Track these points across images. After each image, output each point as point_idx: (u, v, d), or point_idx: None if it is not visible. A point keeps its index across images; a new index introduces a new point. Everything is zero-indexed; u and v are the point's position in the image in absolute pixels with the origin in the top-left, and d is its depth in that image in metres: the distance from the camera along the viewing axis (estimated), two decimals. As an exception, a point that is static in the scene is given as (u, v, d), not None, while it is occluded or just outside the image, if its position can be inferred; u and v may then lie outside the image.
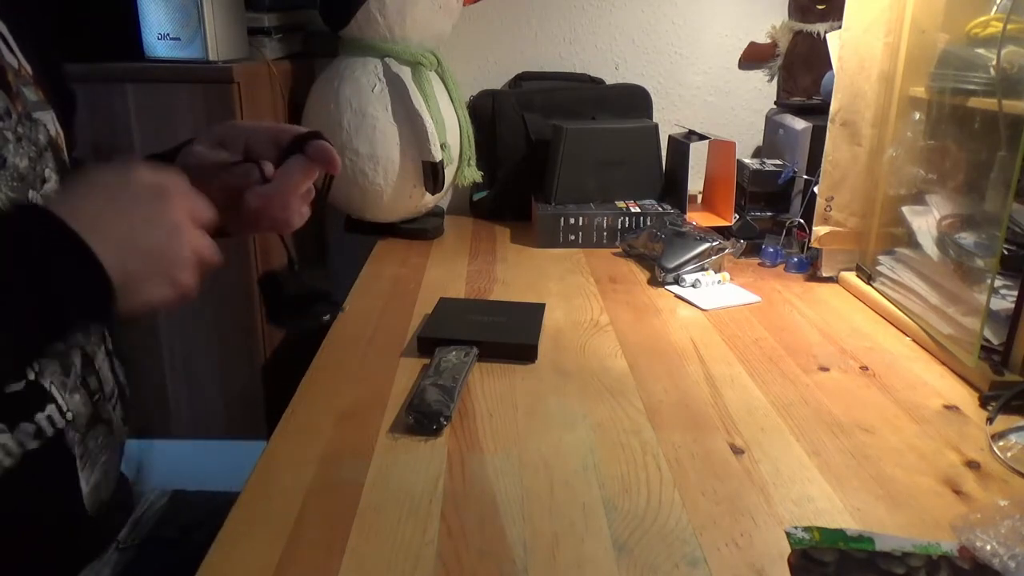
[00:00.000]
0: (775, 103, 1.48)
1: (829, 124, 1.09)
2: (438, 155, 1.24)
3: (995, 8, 0.90)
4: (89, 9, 1.21)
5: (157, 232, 0.49)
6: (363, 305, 1.03)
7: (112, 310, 0.48)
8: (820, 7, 1.43)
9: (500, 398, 0.78)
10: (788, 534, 0.57)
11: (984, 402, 0.79)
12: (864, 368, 0.87)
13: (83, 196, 0.48)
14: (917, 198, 1.02)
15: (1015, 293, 0.82)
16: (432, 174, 1.25)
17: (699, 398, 0.79)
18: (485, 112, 1.44)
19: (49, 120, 0.62)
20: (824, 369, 0.86)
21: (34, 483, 0.58)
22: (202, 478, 0.86)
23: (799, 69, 1.48)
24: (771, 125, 1.43)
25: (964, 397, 0.81)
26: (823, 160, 1.10)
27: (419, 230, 1.34)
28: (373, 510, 0.59)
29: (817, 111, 1.25)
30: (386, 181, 1.25)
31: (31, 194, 0.57)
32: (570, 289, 1.10)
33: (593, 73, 1.52)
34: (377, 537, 0.56)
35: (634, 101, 1.49)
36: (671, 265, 1.10)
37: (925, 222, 0.99)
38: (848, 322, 1.00)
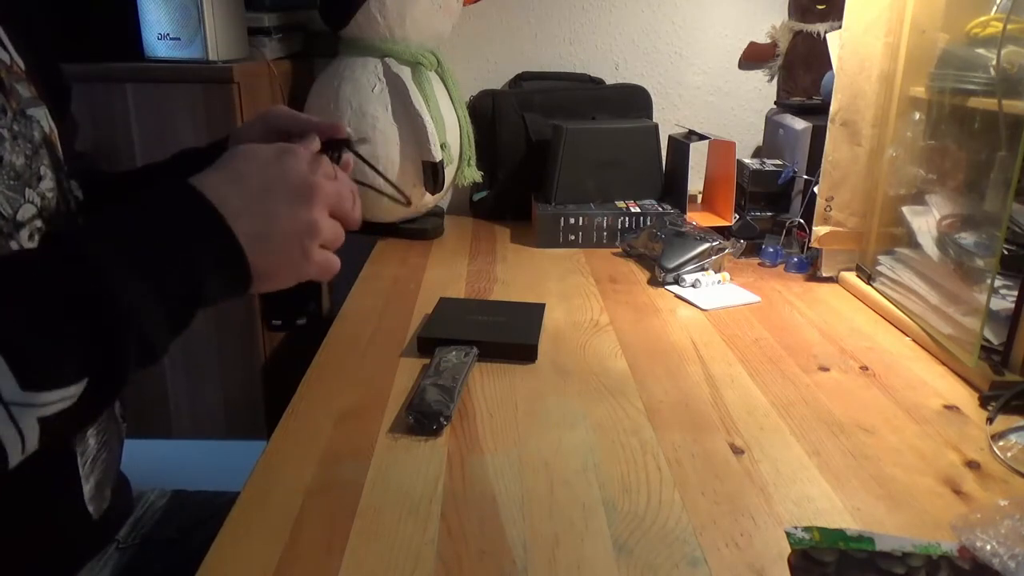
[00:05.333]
0: (775, 103, 1.48)
1: (829, 124, 1.09)
2: (438, 155, 1.24)
3: (995, 8, 0.90)
4: (89, 9, 1.21)
5: (293, 227, 0.51)
6: (363, 305, 1.03)
7: (249, 285, 0.51)
8: (820, 7, 1.43)
9: (500, 398, 0.78)
10: (788, 534, 0.57)
11: (984, 402, 0.79)
12: (864, 368, 0.87)
13: (235, 180, 0.50)
14: (917, 198, 1.02)
15: (1015, 293, 0.82)
16: (432, 174, 1.25)
17: (699, 398, 0.79)
18: (485, 112, 1.44)
19: (42, 116, 0.62)
20: (824, 369, 0.86)
21: (37, 481, 0.58)
22: (202, 478, 0.86)
23: (799, 69, 1.48)
24: (771, 125, 1.43)
25: (964, 397, 0.81)
26: (823, 160, 1.10)
27: (419, 230, 1.34)
28: (373, 510, 0.59)
29: (817, 111, 1.25)
30: (386, 181, 1.25)
31: (27, 192, 0.57)
32: (570, 289, 1.10)
33: (593, 73, 1.52)
34: (377, 537, 0.56)
35: (634, 101, 1.49)
36: (671, 265, 1.10)
37: (925, 222, 0.99)
38: (848, 322, 1.00)
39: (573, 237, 1.31)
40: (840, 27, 1.08)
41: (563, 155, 1.33)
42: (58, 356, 0.42)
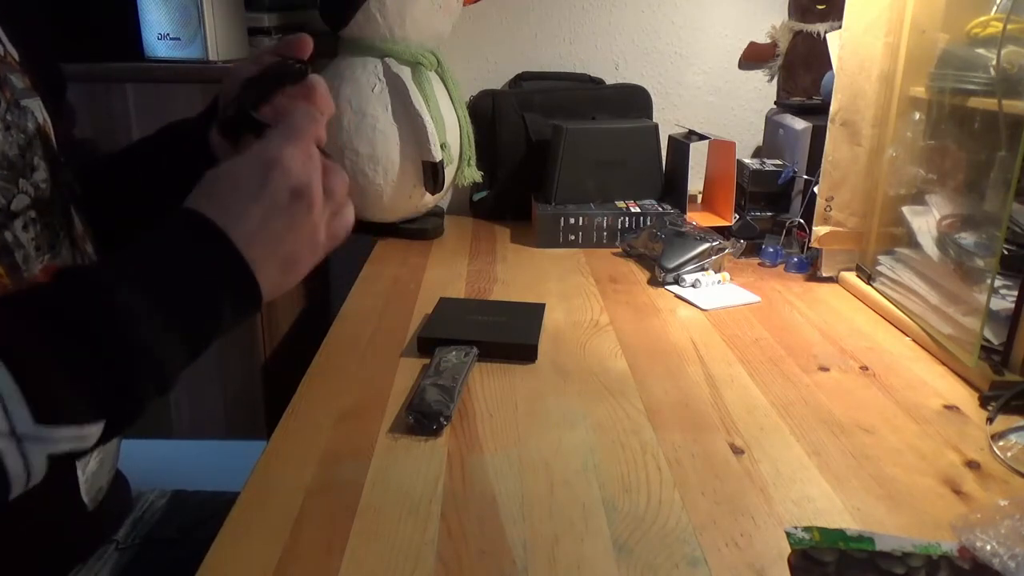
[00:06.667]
0: (775, 103, 1.48)
1: (829, 124, 1.09)
2: (438, 155, 1.23)
3: (995, 8, 0.90)
4: (89, 9, 1.21)
5: (297, 237, 0.51)
6: (363, 305, 1.03)
7: (259, 305, 0.51)
8: (820, 7, 1.43)
9: (500, 398, 0.78)
10: (788, 534, 0.57)
11: (984, 402, 0.79)
12: (864, 368, 0.87)
13: (231, 213, 0.49)
14: (917, 198, 1.02)
15: (1015, 293, 0.82)
16: (432, 174, 1.25)
17: (699, 398, 0.79)
18: (485, 112, 1.44)
19: (36, 107, 0.61)
20: (824, 369, 0.86)
21: None
22: (202, 478, 0.86)
23: (799, 69, 1.48)
24: (771, 125, 1.43)
25: (964, 397, 0.81)
26: (823, 160, 1.10)
27: (419, 230, 1.34)
28: (373, 510, 0.59)
29: (817, 111, 1.25)
30: (386, 181, 1.25)
31: (21, 182, 0.57)
32: (570, 289, 1.10)
33: (593, 73, 1.52)
34: (377, 537, 0.56)
35: (634, 101, 1.49)
36: (671, 265, 1.10)
37: (925, 222, 0.99)
38: (848, 322, 1.00)
39: (573, 237, 1.31)
40: (840, 27, 1.08)
41: (563, 155, 1.33)
42: (74, 390, 0.41)
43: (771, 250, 1.22)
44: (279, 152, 0.50)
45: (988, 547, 0.54)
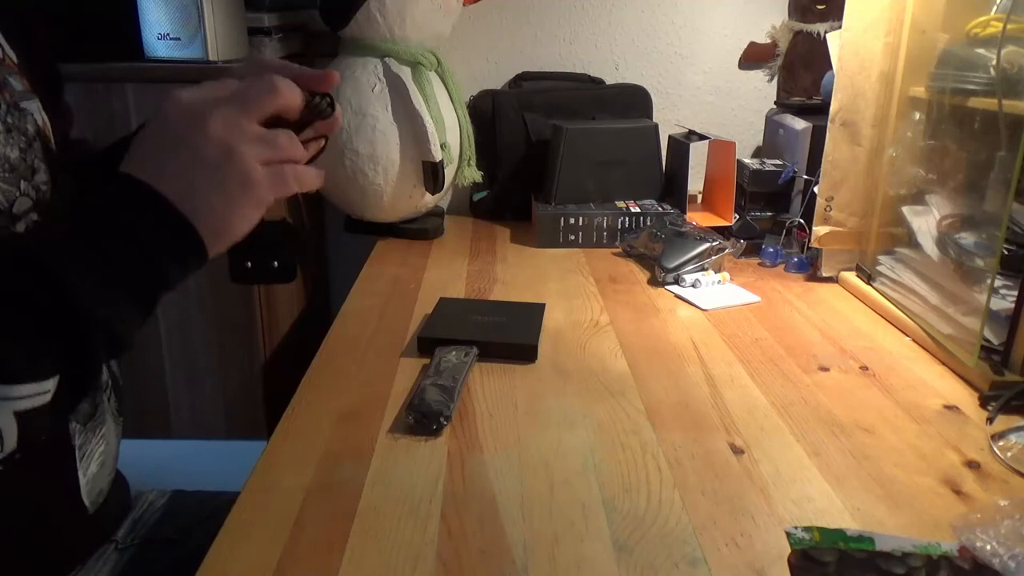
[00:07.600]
0: (775, 103, 1.48)
1: (829, 124, 1.09)
2: (438, 155, 1.23)
3: (995, 8, 0.90)
4: (89, 9, 1.21)
5: (208, 162, 0.49)
6: (363, 305, 1.03)
7: (204, 250, 0.50)
8: (820, 7, 1.43)
9: (500, 398, 0.78)
10: (788, 534, 0.57)
11: (984, 402, 0.79)
12: (864, 368, 0.87)
13: (149, 154, 0.49)
14: (917, 198, 1.02)
15: (1015, 293, 0.82)
16: (432, 174, 1.25)
17: (699, 398, 0.79)
18: (485, 112, 1.44)
19: (35, 109, 0.61)
20: (824, 369, 0.86)
21: (34, 474, 0.58)
22: (202, 478, 0.86)
23: (799, 69, 1.48)
24: (771, 125, 1.43)
25: (964, 397, 0.81)
26: (823, 160, 1.10)
27: (419, 230, 1.34)
28: (373, 510, 0.59)
29: (817, 111, 1.25)
30: (386, 181, 1.25)
31: (23, 185, 0.57)
32: (570, 289, 1.10)
33: (593, 73, 1.52)
34: (377, 537, 0.56)
35: (634, 101, 1.49)
36: (671, 265, 1.10)
37: (925, 222, 0.99)
38: (848, 322, 1.00)
39: (573, 237, 1.31)
40: (840, 27, 1.08)
41: (563, 155, 1.33)
42: (24, 351, 0.43)
43: (771, 250, 1.22)
44: (178, 98, 0.50)
45: (988, 547, 0.54)
